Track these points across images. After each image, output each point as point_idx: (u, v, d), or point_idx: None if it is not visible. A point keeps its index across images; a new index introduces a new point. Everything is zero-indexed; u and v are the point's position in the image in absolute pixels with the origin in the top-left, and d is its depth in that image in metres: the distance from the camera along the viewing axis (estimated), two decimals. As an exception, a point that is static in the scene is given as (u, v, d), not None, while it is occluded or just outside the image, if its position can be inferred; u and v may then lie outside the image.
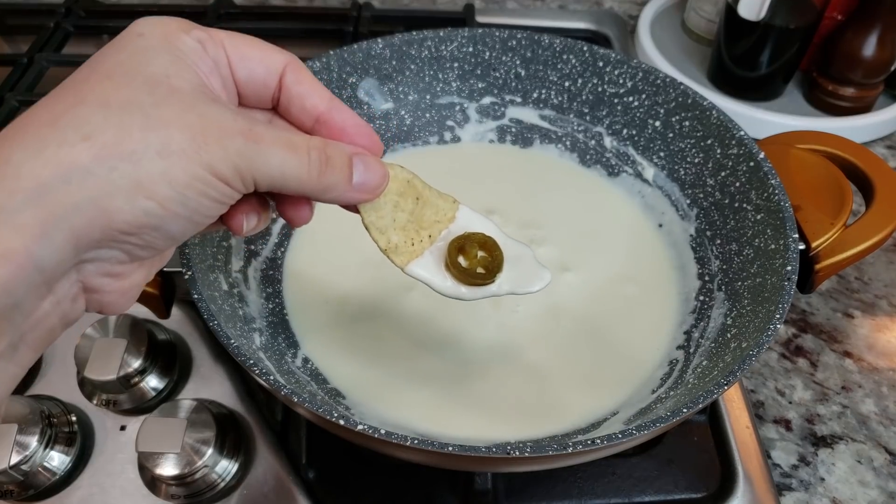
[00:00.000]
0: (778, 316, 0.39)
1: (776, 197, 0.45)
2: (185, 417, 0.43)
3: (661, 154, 0.56)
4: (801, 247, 0.44)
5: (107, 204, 0.24)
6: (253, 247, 0.51)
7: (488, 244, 0.37)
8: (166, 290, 0.42)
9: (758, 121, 0.73)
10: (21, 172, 0.23)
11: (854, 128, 0.74)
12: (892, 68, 0.72)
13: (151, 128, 0.25)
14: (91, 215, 0.24)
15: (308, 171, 0.29)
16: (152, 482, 0.44)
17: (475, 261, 0.37)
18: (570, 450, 0.33)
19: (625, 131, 0.57)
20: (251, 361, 0.36)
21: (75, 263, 0.26)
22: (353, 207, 0.34)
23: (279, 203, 0.33)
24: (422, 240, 0.36)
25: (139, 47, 0.27)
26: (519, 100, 0.60)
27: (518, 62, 0.58)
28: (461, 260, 0.36)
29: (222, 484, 0.44)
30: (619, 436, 0.33)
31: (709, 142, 0.51)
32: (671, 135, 0.54)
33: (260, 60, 0.31)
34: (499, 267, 0.37)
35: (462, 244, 0.36)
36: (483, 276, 0.36)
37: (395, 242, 0.35)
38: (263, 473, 0.45)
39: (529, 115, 0.60)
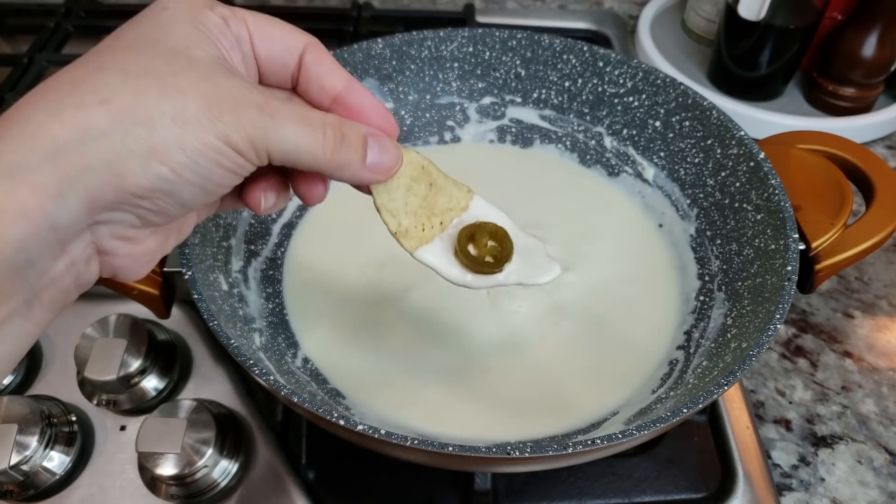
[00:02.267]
0: (778, 316, 0.39)
1: (776, 197, 0.45)
2: (185, 417, 0.43)
3: (662, 154, 0.56)
4: (801, 247, 0.44)
5: (121, 167, 0.25)
6: (253, 247, 0.51)
7: (499, 234, 0.37)
8: (166, 290, 0.42)
9: (758, 121, 0.73)
10: (40, 132, 0.24)
11: (854, 128, 0.74)
12: (892, 68, 0.72)
13: (167, 95, 0.26)
14: (105, 177, 0.25)
15: (322, 147, 0.29)
16: (152, 482, 0.44)
17: (485, 249, 0.37)
18: (570, 450, 0.33)
19: (625, 131, 0.57)
20: (251, 361, 0.36)
21: (89, 225, 0.26)
22: (365, 189, 0.34)
23: (293, 180, 0.33)
24: (433, 226, 0.36)
25: (163, 20, 0.28)
26: (519, 100, 0.59)
27: (518, 62, 0.58)
28: (471, 248, 0.36)
29: (222, 484, 0.44)
30: (619, 436, 0.33)
31: (709, 142, 0.51)
32: (671, 135, 0.54)
33: (281, 39, 0.31)
34: (508, 257, 0.37)
35: (473, 233, 0.36)
36: (491, 265, 0.36)
37: (406, 226, 0.35)
38: (263, 474, 0.45)
39: (529, 115, 0.60)
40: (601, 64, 0.56)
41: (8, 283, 0.24)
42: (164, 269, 0.41)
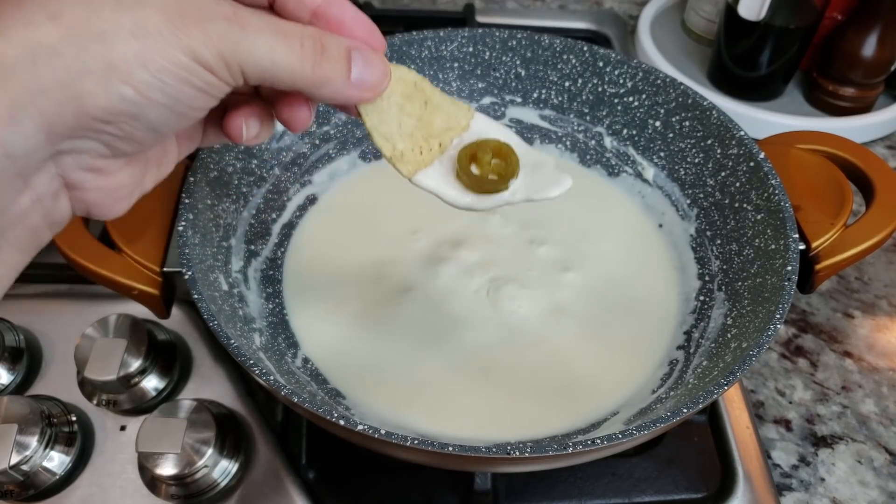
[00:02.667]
0: (778, 316, 0.39)
1: (776, 197, 0.45)
2: (185, 417, 0.43)
3: (662, 154, 0.56)
4: (802, 247, 0.44)
5: (79, 88, 0.23)
6: (253, 247, 0.51)
7: (503, 150, 0.34)
8: (166, 290, 0.42)
9: (758, 121, 0.73)
10: None
11: (854, 128, 0.74)
12: (892, 68, 0.72)
13: (124, 7, 0.24)
14: (62, 100, 0.23)
15: (301, 61, 0.27)
16: (152, 482, 0.44)
17: (488, 168, 0.34)
18: (570, 450, 0.33)
19: (625, 131, 0.57)
20: (251, 361, 0.36)
21: (52, 155, 0.25)
22: (353, 110, 0.32)
23: (275, 104, 0.31)
24: (431, 149, 0.33)
25: None
26: (519, 100, 0.59)
27: (518, 62, 0.58)
28: (473, 168, 0.34)
29: (222, 484, 0.44)
30: (619, 436, 0.33)
31: (709, 142, 0.51)
32: (671, 135, 0.54)
33: None
34: (513, 173, 0.34)
35: (474, 151, 0.34)
36: (496, 183, 0.34)
37: (401, 150, 0.33)
38: (263, 474, 0.45)
39: (529, 115, 0.60)
40: (601, 64, 0.56)
41: None
42: (164, 269, 0.41)
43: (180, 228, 0.42)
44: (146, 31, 0.24)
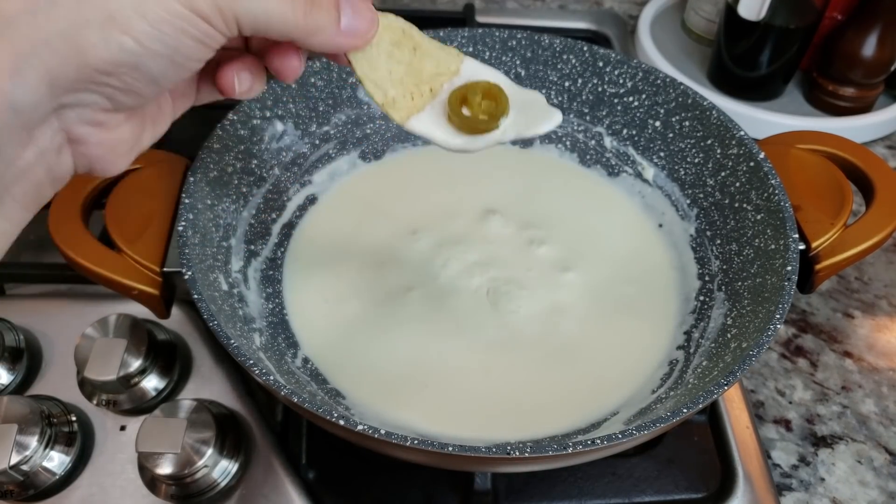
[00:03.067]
0: (778, 316, 0.39)
1: (776, 197, 0.45)
2: (185, 417, 0.43)
3: (661, 154, 0.56)
4: (801, 247, 0.44)
5: (80, 39, 0.24)
6: (253, 247, 0.51)
7: (493, 91, 0.35)
8: (166, 290, 0.42)
9: (758, 121, 0.73)
10: None
11: (854, 128, 0.74)
12: (892, 68, 0.72)
13: None
14: (64, 51, 0.24)
15: (293, 10, 0.28)
16: (152, 482, 0.44)
17: (478, 109, 0.34)
18: (570, 450, 0.33)
19: (625, 131, 0.57)
20: (251, 361, 0.36)
21: (55, 108, 0.25)
22: (344, 59, 0.33)
23: (266, 56, 0.32)
24: (422, 94, 0.34)
25: None
26: (519, 100, 0.59)
27: (518, 62, 0.58)
28: (464, 110, 0.34)
29: (222, 484, 0.44)
30: (619, 436, 0.33)
31: (709, 142, 0.51)
32: (671, 135, 0.54)
33: None
34: (503, 112, 0.35)
35: (464, 93, 0.34)
36: (487, 122, 0.34)
37: (393, 96, 0.33)
38: (263, 474, 0.45)
39: (529, 115, 0.60)
40: (601, 64, 0.56)
41: None
42: (164, 269, 0.41)
43: (180, 228, 0.42)
44: None
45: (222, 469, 0.44)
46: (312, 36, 0.29)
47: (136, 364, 0.46)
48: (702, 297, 0.50)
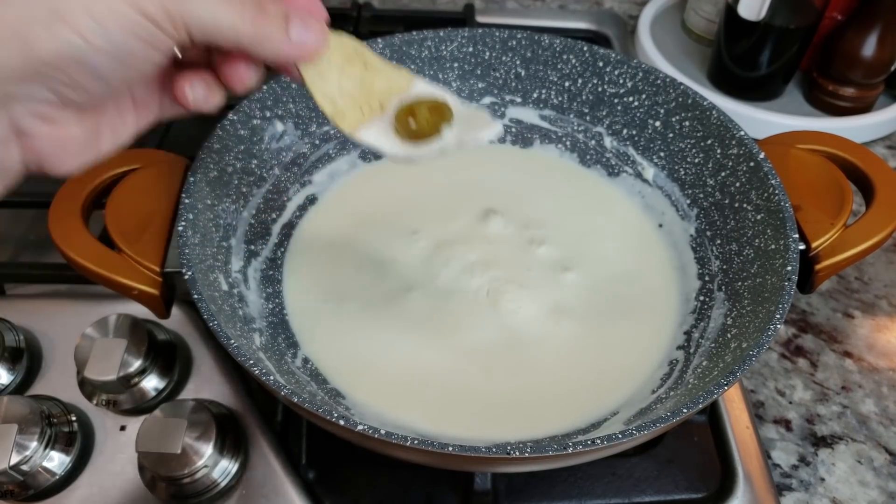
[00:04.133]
0: (778, 316, 0.39)
1: (776, 197, 0.45)
2: (185, 417, 0.43)
3: (661, 154, 0.56)
4: (801, 247, 0.44)
5: (27, 31, 0.25)
6: (253, 247, 0.51)
7: (437, 105, 0.36)
8: (166, 290, 0.42)
9: (758, 121, 0.73)
10: None
11: (854, 128, 0.74)
12: (892, 68, 0.72)
13: None
14: (10, 42, 0.25)
15: (242, 18, 0.28)
16: (152, 482, 0.44)
17: (425, 122, 0.36)
18: (570, 450, 0.33)
19: (625, 131, 0.57)
20: (251, 361, 0.36)
21: (0, 98, 0.26)
22: (296, 74, 0.34)
23: (219, 66, 0.33)
24: (372, 108, 0.36)
25: None
26: (519, 100, 0.59)
27: (518, 62, 0.58)
28: (410, 122, 0.36)
29: (222, 484, 0.44)
30: (619, 436, 0.33)
31: (709, 142, 0.51)
32: (671, 135, 0.54)
33: None
34: (447, 123, 0.36)
35: (412, 107, 0.36)
36: (429, 132, 0.36)
37: (342, 107, 0.35)
38: (263, 473, 0.45)
39: (529, 116, 0.60)
40: (601, 64, 0.56)
41: None
42: (164, 269, 0.41)
43: (180, 228, 0.42)
44: None
45: (222, 469, 0.44)
46: (261, 45, 0.30)
47: (136, 364, 0.46)
48: (702, 297, 0.50)
